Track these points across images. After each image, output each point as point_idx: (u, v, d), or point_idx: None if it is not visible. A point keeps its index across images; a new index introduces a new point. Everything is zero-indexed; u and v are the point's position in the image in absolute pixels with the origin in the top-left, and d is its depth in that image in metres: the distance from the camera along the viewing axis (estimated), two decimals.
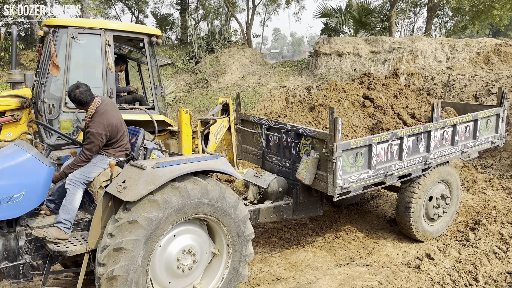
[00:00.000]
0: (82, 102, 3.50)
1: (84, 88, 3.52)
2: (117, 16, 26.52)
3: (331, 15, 18.48)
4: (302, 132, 4.53)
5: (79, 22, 6.24)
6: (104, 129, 3.45)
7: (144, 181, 3.09)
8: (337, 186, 4.22)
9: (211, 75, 18.39)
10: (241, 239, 3.69)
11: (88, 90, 3.55)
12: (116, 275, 2.98)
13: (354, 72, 15.90)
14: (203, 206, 3.37)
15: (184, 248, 3.43)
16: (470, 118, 5.41)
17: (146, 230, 3.06)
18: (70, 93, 3.52)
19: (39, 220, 3.48)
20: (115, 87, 6.36)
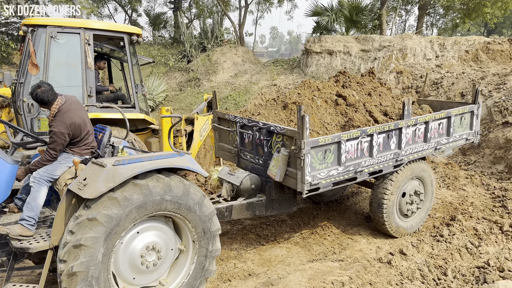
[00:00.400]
0: (44, 101, 3.54)
1: (46, 87, 3.56)
2: (111, 15, 26.51)
3: (322, 14, 18.53)
4: (273, 130, 4.58)
5: (58, 21, 6.28)
6: (66, 128, 3.50)
7: (104, 178, 3.14)
8: (306, 182, 4.27)
9: (203, 73, 18.43)
10: (207, 235, 3.74)
11: (51, 89, 3.59)
12: (76, 271, 3.03)
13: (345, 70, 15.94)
14: (166, 203, 3.42)
15: (148, 245, 3.48)
16: (443, 115, 5.47)
17: (105, 227, 3.11)
18: (32, 93, 3.57)
19: (5, 217, 3.53)
20: (94, 86, 6.41)
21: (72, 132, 3.56)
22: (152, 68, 20.12)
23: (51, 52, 6.16)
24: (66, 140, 3.53)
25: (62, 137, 3.49)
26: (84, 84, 6.29)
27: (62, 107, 3.59)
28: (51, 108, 3.59)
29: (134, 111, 6.79)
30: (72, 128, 3.55)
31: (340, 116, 5.01)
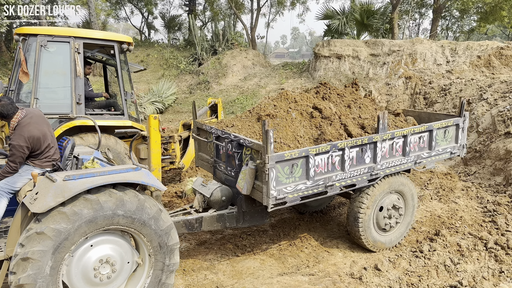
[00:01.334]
0: (4, 114, 3.65)
1: (6, 101, 3.67)
2: (127, 18, 26.97)
3: (333, 17, 18.39)
4: (243, 143, 4.59)
5: (49, 30, 6.43)
6: (25, 141, 3.60)
7: (54, 193, 3.21)
8: (271, 197, 4.26)
9: (213, 76, 18.55)
10: (163, 249, 3.78)
11: (11, 103, 3.69)
12: (23, 284, 3.12)
13: (353, 75, 15.80)
14: (118, 218, 3.48)
15: (101, 258, 3.54)
16: (424, 129, 5.35)
17: (53, 241, 3.18)
18: (8, 104, 3.68)
19: None
20: (83, 93, 6.54)
21: (31, 145, 3.66)
22: (164, 70, 20.39)
23: (42, 60, 6.32)
24: (25, 152, 3.63)
25: (21, 150, 3.59)
26: (73, 92, 6.43)
27: (22, 121, 3.69)
28: (11, 121, 3.70)
29: (122, 118, 6.91)
30: (31, 141, 3.65)
31: (314, 129, 4.97)
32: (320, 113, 5.13)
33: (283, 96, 5.36)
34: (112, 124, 6.61)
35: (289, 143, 4.70)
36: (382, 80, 15.18)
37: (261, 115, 4.93)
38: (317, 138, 4.87)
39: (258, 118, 5.02)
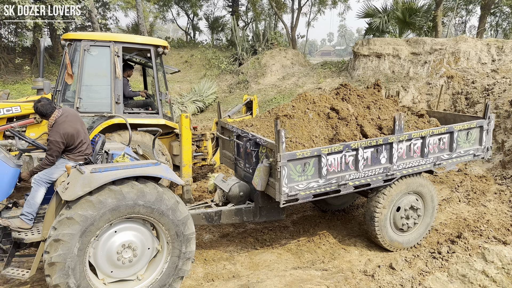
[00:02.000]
0: (43, 113, 4.15)
1: (45, 101, 4.16)
2: (174, 19, 27.96)
3: (375, 15, 18.15)
4: (259, 142, 4.86)
5: (91, 35, 7.01)
6: (60, 137, 4.07)
7: (82, 183, 3.64)
8: (283, 193, 4.49)
9: (252, 76, 18.91)
10: (180, 237, 4.13)
11: (49, 103, 4.18)
12: (55, 262, 3.57)
13: (393, 74, 15.57)
14: (139, 207, 3.86)
15: (124, 243, 3.94)
16: (444, 130, 5.35)
17: (81, 225, 3.61)
18: (37, 107, 4.18)
19: (13, 211, 4.19)
20: (122, 94, 7.07)
21: (66, 140, 4.13)
22: (206, 70, 21.01)
23: (85, 63, 6.92)
24: (61, 147, 4.10)
25: (57, 145, 4.07)
26: (112, 92, 6.98)
27: (58, 119, 4.17)
28: (49, 119, 4.19)
29: (157, 117, 7.39)
30: (66, 137, 4.11)
31: (330, 130, 5.14)
32: (337, 114, 5.29)
33: (302, 97, 5.56)
34: (147, 122, 7.10)
35: (304, 142, 4.91)
36: (422, 79, 14.85)
37: (279, 116, 5.17)
38: (332, 138, 5.03)
39: (276, 118, 5.26)
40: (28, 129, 7.05)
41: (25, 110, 6.92)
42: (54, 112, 4.22)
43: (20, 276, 3.84)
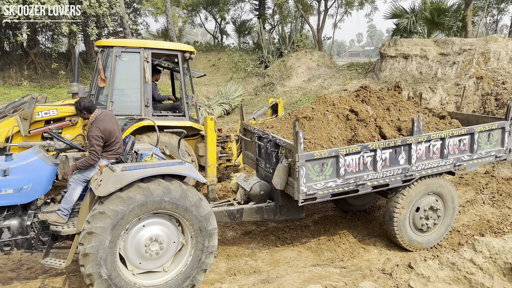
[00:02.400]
0: (90, 109, 4.50)
1: (89, 99, 4.54)
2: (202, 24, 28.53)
3: (402, 16, 17.99)
4: (279, 142, 5.06)
5: (122, 42, 7.41)
6: (100, 132, 4.39)
7: (113, 180, 3.95)
8: (301, 192, 4.68)
9: (278, 78, 19.11)
10: (203, 232, 4.38)
11: (91, 102, 4.54)
12: (88, 253, 3.88)
13: (420, 75, 15.41)
14: (165, 203, 4.13)
15: (151, 237, 4.23)
16: (464, 132, 5.39)
17: (112, 219, 3.91)
18: (80, 103, 4.52)
19: (51, 207, 4.56)
20: (151, 97, 7.43)
21: (105, 136, 4.44)
22: (232, 73, 21.37)
23: (116, 68, 7.31)
24: (101, 142, 4.41)
25: (98, 139, 4.39)
26: (142, 96, 7.35)
27: (98, 117, 4.52)
28: (90, 117, 4.53)
29: (184, 119, 7.71)
30: (105, 133, 4.43)
31: (348, 131, 5.28)
32: (356, 116, 5.42)
33: (322, 99, 5.72)
34: (174, 124, 7.42)
35: (322, 143, 5.07)
36: (451, 80, 14.64)
37: (299, 117, 5.35)
38: (351, 139, 5.17)
39: (296, 120, 5.44)
40: (64, 131, 7.50)
41: (61, 113, 7.38)
42: (95, 110, 4.57)
43: (57, 265, 4.18)
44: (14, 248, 4.24)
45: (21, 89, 19.02)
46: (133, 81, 7.47)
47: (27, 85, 19.89)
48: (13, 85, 19.80)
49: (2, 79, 20.31)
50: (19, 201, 4.13)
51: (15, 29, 19.45)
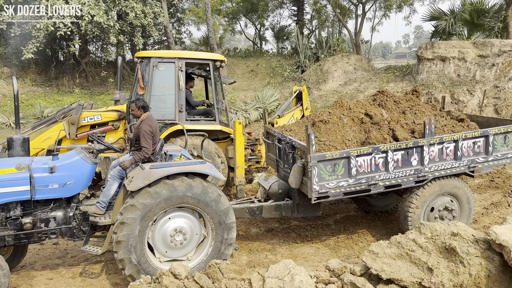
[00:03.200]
0: (145, 108, 5.13)
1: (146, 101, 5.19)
2: (242, 31, 29.27)
3: (441, 18, 17.71)
4: (294, 144, 5.44)
5: (159, 53, 8.07)
6: (151, 128, 4.95)
7: (142, 177, 4.50)
8: (314, 190, 5.03)
9: (314, 82, 19.36)
10: (222, 225, 4.84)
11: (147, 103, 5.17)
12: (120, 240, 4.45)
13: (458, 77, 15.16)
14: (188, 198, 4.64)
15: (176, 228, 4.74)
16: (478, 134, 5.51)
17: (141, 211, 4.46)
18: (139, 101, 5.14)
19: (91, 200, 5.19)
20: (184, 103, 8.03)
21: (154, 132, 5.02)
22: (270, 78, 21.84)
23: (154, 77, 7.97)
24: (151, 137, 4.99)
25: (149, 133, 4.96)
26: (176, 102, 7.96)
27: (150, 116, 5.12)
28: (143, 115, 5.13)
29: (214, 123, 8.25)
30: (154, 130, 5.01)
31: (362, 134, 5.56)
32: (371, 119, 5.69)
33: (338, 104, 6.03)
34: (205, 128, 7.97)
35: (337, 145, 5.39)
36: (490, 82, 14.31)
37: (315, 121, 5.70)
38: (364, 141, 5.45)
39: (313, 123, 5.79)
40: (107, 134, 8.26)
41: (105, 118, 8.14)
42: (147, 113, 5.18)
43: (95, 251, 4.79)
44: (59, 236, 4.90)
45: (73, 96, 20.49)
46: (169, 88, 8.10)
47: (78, 92, 21.39)
48: (66, 92, 21.35)
49: (56, 86, 21.95)
50: (63, 194, 4.78)
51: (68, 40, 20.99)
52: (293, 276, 3.52)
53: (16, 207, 4.64)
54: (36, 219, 4.72)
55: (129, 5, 20.01)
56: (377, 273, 3.45)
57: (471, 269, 3.22)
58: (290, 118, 9.03)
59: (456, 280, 3.19)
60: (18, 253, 5.39)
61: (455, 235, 3.39)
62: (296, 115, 9.35)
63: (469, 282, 3.20)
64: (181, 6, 26.08)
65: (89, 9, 18.70)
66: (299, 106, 9.44)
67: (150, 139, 4.98)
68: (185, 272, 3.63)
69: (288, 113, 9.22)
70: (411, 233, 3.54)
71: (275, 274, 3.59)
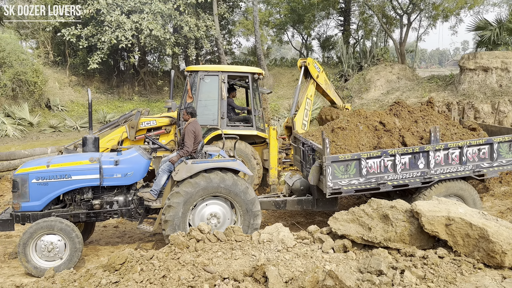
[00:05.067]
0: (192, 113, 6.27)
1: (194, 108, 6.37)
2: (289, 41, 30.31)
3: (486, 28, 17.70)
4: (314, 147, 6.33)
5: (205, 67, 9.28)
6: (194, 130, 6.04)
7: (185, 170, 5.61)
8: (328, 187, 5.89)
9: (356, 91, 19.95)
10: (249, 213, 5.83)
11: (195, 110, 6.33)
12: (167, 220, 5.57)
13: (500, 88, 15.20)
14: (221, 189, 5.68)
15: (211, 213, 5.80)
16: (482, 142, 6.11)
17: (184, 197, 5.57)
18: (188, 108, 6.30)
19: (147, 188, 6.40)
20: (226, 110, 9.14)
21: (195, 134, 6.13)
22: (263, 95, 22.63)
23: (200, 88, 9.17)
24: (193, 136, 6.10)
25: (193, 133, 6.07)
26: (219, 110, 9.09)
27: (195, 121, 6.24)
28: (190, 119, 6.26)
29: (251, 129, 9.29)
30: (196, 132, 6.10)
31: (375, 139, 6.35)
32: (384, 127, 6.46)
33: (356, 113, 6.84)
34: (243, 133, 9.02)
35: (351, 149, 6.22)
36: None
37: (334, 128, 6.56)
38: (376, 146, 6.24)
39: (332, 129, 6.65)
40: (160, 137, 9.55)
41: (159, 123, 9.44)
42: (194, 118, 6.33)
43: (147, 229, 5.95)
44: (120, 216, 6.12)
45: (132, 103, 22.49)
46: (212, 98, 9.27)
47: (137, 100, 23.40)
48: (126, 99, 23.41)
49: (117, 94, 24.12)
50: (124, 182, 6.00)
51: (129, 51, 23.12)
52: (279, 233, 4.63)
53: (88, 191, 5.91)
54: (103, 202, 5.97)
55: (184, 19, 21.75)
56: (335, 231, 4.66)
57: (396, 229, 4.41)
58: (305, 109, 9.43)
59: (385, 235, 4.38)
60: (87, 230, 6.70)
61: (392, 207, 4.58)
62: (309, 93, 9.64)
63: (396, 238, 4.37)
64: (232, 18, 27.61)
65: (148, 24, 20.60)
66: (309, 79, 9.66)
67: (192, 138, 6.08)
68: (208, 229, 4.81)
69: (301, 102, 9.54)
70: (363, 205, 4.43)
71: (267, 231, 4.75)
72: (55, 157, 6.28)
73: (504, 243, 3.83)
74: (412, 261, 4.02)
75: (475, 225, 4.06)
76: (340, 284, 3.32)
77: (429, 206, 4.43)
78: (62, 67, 23.62)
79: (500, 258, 3.86)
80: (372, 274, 3.59)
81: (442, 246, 4.34)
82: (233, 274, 3.85)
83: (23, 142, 17.02)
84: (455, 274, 3.79)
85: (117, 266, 4.15)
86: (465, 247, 4.15)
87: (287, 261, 4.05)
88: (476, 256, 4.04)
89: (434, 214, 4.27)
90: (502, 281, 3.62)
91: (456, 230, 4.17)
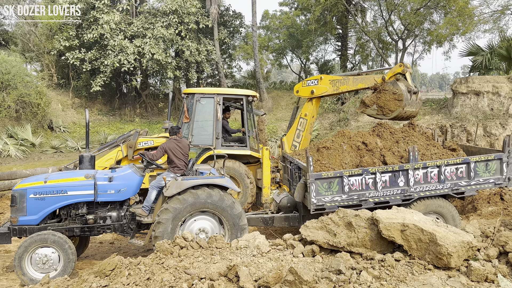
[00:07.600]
0: (170, 132, 6.65)
1: (174, 129, 6.70)
2: (288, 65, 30.98)
3: (477, 53, 18.21)
4: (300, 166, 6.63)
5: (201, 90, 9.68)
6: (163, 148, 6.42)
7: (175, 187, 5.90)
8: (312, 203, 6.16)
9: (352, 114, 20.33)
10: (236, 227, 6.08)
11: (174, 130, 6.66)
12: (157, 236, 5.83)
13: (491, 111, 15.55)
14: (208, 204, 5.96)
15: (200, 228, 6.05)
16: (459, 161, 6.40)
17: (172, 213, 5.83)
18: (170, 127, 6.66)
19: (139, 205, 6.68)
20: (221, 131, 9.49)
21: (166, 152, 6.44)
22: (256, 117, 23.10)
23: (197, 110, 9.55)
24: (162, 152, 6.42)
25: (162, 150, 6.42)
26: (214, 131, 9.44)
27: (170, 140, 6.56)
28: (169, 137, 6.63)
29: (245, 149, 9.61)
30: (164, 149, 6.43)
31: (358, 158, 6.65)
32: (366, 146, 6.77)
33: (341, 133, 7.17)
34: (236, 153, 9.34)
35: (335, 167, 6.52)
36: None
37: (319, 147, 6.87)
38: (358, 165, 6.53)
39: (317, 149, 6.96)
40: None
41: (156, 143, 9.76)
42: (174, 136, 6.65)
43: (138, 243, 6.21)
44: (113, 231, 6.38)
45: (133, 124, 22.92)
46: (208, 119, 9.63)
47: (138, 121, 23.86)
48: (127, 121, 23.87)
49: (119, 116, 24.61)
50: (118, 198, 6.29)
51: (131, 74, 23.73)
52: (255, 239, 5.00)
53: (83, 206, 6.20)
54: (97, 217, 6.25)
55: (185, 44, 22.44)
56: (305, 238, 5.13)
57: (358, 235, 4.87)
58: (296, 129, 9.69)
59: (348, 240, 4.81)
60: (82, 245, 6.95)
61: (356, 216, 5.01)
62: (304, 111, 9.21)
63: (358, 243, 4.80)
64: (232, 43, 28.35)
65: (150, 48, 21.26)
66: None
67: (160, 153, 6.49)
68: (191, 237, 5.19)
69: None
70: (331, 214, 4.78)
71: (245, 239, 5.13)
72: (53, 174, 6.60)
73: (450, 246, 4.27)
74: (371, 264, 4.42)
75: (426, 230, 4.51)
76: (299, 279, 3.66)
77: (387, 214, 4.89)
78: (65, 89, 24.23)
79: (446, 259, 4.31)
80: (331, 272, 3.91)
81: (401, 251, 4.75)
82: (209, 275, 4.14)
83: (25, 162, 17.40)
84: (407, 274, 4.14)
85: (108, 272, 4.42)
86: (418, 251, 4.57)
87: (259, 263, 4.35)
88: (427, 258, 4.47)
89: (391, 221, 4.72)
90: (447, 279, 4.03)
91: (410, 235, 4.61)
